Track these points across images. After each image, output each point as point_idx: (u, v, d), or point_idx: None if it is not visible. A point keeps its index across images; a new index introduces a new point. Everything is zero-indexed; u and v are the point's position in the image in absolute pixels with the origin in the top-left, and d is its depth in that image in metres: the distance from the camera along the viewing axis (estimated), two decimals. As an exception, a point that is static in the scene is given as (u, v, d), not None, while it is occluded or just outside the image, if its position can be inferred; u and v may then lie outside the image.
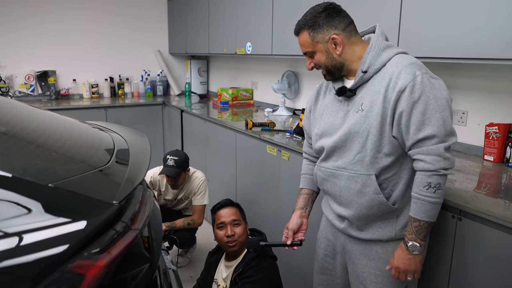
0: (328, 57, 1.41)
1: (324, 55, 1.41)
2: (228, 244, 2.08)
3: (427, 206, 1.30)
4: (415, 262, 1.34)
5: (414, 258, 1.34)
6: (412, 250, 1.33)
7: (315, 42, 1.40)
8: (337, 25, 1.38)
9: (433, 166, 1.27)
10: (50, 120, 1.33)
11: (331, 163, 1.46)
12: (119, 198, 0.92)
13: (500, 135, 1.89)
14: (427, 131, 1.27)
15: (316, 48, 1.41)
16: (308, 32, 1.40)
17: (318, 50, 1.41)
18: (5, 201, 0.81)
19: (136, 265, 0.95)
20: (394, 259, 1.37)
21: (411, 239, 1.33)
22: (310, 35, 1.40)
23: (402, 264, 1.35)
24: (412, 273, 1.35)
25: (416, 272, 1.36)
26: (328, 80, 1.51)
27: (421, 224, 1.31)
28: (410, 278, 1.36)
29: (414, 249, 1.33)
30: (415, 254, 1.33)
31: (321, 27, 1.38)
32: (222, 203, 2.23)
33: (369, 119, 1.35)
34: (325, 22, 1.38)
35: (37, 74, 4.43)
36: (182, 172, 2.77)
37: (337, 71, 1.43)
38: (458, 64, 2.10)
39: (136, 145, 1.35)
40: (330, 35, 1.38)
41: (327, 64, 1.42)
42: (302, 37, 1.43)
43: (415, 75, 1.28)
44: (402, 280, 1.38)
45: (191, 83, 4.93)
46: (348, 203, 1.43)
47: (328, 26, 1.38)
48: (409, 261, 1.34)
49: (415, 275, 1.36)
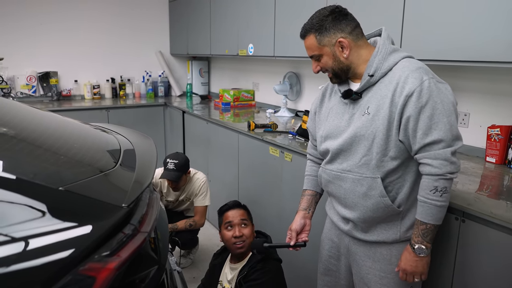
0: (335, 60, 1.41)
1: (331, 58, 1.41)
2: (236, 245, 2.06)
3: (433, 210, 1.31)
4: (422, 264, 1.36)
5: (421, 260, 1.35)
6: (419, 252, 1.34)
7: (322, 46, 1.40)
8: (343, 28, 1.38)
9: (440, 170, 1.28)
10: (56, 123, 1.34)
11: (336, 166, 1.47)
12: (128, 201, 0.93)
13: (502, 137, 1.90)
14: (434, 135, 1.28)
15: (323, 51, 1.41)
16: (314, 36, 1.40)
17: (325, 53, 1.41)
18: (18, 204, 0.83)
19: (144, 267, 0.96)
20: (401, 261, 1.39)
21: (417, 242, 1.34)
22: (316, 39, 1.40)
23: (409, 266, 1.36)
24: (419, 275, 1.37)
25: (423, 273, 1.38)
26: (334, 83, 1.51)
27: (428, 227, 1.33)
28: (417, 280, 1.38)
29: (421, 251, 1.34)
30: (422, 256, 1.35)
31: (328, 31, 1.38)
32: (230, 204, 2.21)
33: (375, 122, 1.35)
34: (331, 26, 1.38)
35: (38, 75, 4.44)
36: (183, 175, 2.77)
37: (344, 74, 1.44)
38: (460, 67, 2.11)
39: (142, 147, 1.36)
40: (337, 39, 1.38)
41: (334, 67, 1.42)
42: (308, 40, 1.42)
43: (422, 80, 1.29)
44: (409, 282, 1.39)
45: (192, 84, 4.94)
46: (353, 206, 1.44)
47: (335, 30, 1.38)
48: (416, 263, 1.36)
49: (422, 276, 1.38)
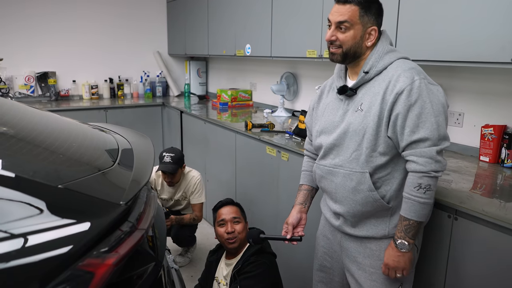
0: (357, 41, 1.40)
1: (356, 38, 1.40)
2: (228, 240, 2.13)
3: (417, 206, 1.34)
4: (404, 260, 1.38)
5: (403, 256, 1.38)
6: (400, 248, 1.37)
7: (359, 21, 1.39)
8: (380, 22, 1.43)
9: (425, 168, 1.31)
10: (55, 123, 1.36)
11: (329, 161, 1.50)
12: (126, 199, 0.95)
13: (496, 136, 1.93)
14: (421, 133, 1.31)
15: (355, 27, 1.39)
16: (359, 8, 1.38)
17: (356, 29, 1.39)
18: (18, 201, 0.85)
19: (142, 264, 0.98)
20: (385, 256, 1.42)
21: (400, 237, 1.37)
22: (359, 12, 1.38)
23: (391, 261, 1.39)
24: (401, 270, 1.40)
25: (405, 269, 1.40)
26: (334, 61, 1.47)
27: (410, 223, 1.35)
28: (399, 275, 1.40)
29: (403, 247, 1.37)
30: (404, 252, 1.37)
31: (372, 14, 1.40)
32: (223, 201, 2.30)
33: (366, 119, 1.38)
34: (376, 12, 1.41)
35: (37, 75, 4.45)
36: (179, 168, 2.85)
37: (352, 58, 1.43)
38: (455, 67, 2.13)
39: (139, 146, 1.38)
40: (373, 26, 1.41)
41: (352, 47, 1.40)
42: (349, 7, 1.38)
43: (413, 79, 1.32)
44: (392, 277, 1.42)
45: (190, 84, 4.96)
46: (343, 200, 1.47)
47: (376, 17, 1.41)
48: (398, 258, 1.38)
49: (404, 272, 1.40)
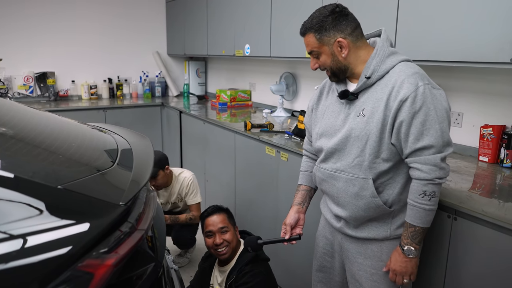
0: (333, 59, 1.42)
1: (329, 57, 1.42)
2: (217, 252, 2.09)
3: (422, 213, 1.34)
4: (411, 265, 1.39)
5: (410, 261, 1.38)
6: (408, 254, 1.38)
7: (321, 44, 1.41)
8: (343, 29, 1.38)
9: (429, 175, 1.31)
10: (54, 123, 1.35)
11: (330, 165, 1.49)
12: (125, 200, 0.95)
13: (495, 136, 1.93)
14: (425, 141, 1.30)
15: (322, 50, 1.41)
16: (314, 35, 1.40)
17: (324, 52, 1.41)
18: (17, 202, 0.84)
19: (142, 264, 0.98)
20: (391, 262, 1.42)
21: (407, 244, 1.37)
22: (316, 38, 1.40)
23: (398, 267, 1.40)
24: (408, 275, 1.40)
25: (412, 274, 1.41)
26: (332, 81, 1.51)
27: (416, 230, 1.36)
28: (406, 281, 1.41)
29: (410, 253, 1.37)
30: (411, 257, 1.38)
31: (328, 31, 1.38)
32: (210, 210, 2.20)
33: (369, 125, 1.37)
34: (331, 26, 1.38)
35: (36, 76, 4.44)
36: (160, 171, 2.77)
37: (342, 73, 1.45)
38: (454, 67, 2.13)
39: (139, 147, 1.38)
40: (336, 39, 1.39)
41: (332, 66, 1.43)
42: (308, 38, 1.42)
43: (418, 85, 1.30)
44: (399, 283, 1.42)
45: (189, 84, 4.96)
46: (345, 204, 1.47)
47: (334, 30, 1.38)
48: (405, 264, 1.39)
49: (411, 277, 1.41)
